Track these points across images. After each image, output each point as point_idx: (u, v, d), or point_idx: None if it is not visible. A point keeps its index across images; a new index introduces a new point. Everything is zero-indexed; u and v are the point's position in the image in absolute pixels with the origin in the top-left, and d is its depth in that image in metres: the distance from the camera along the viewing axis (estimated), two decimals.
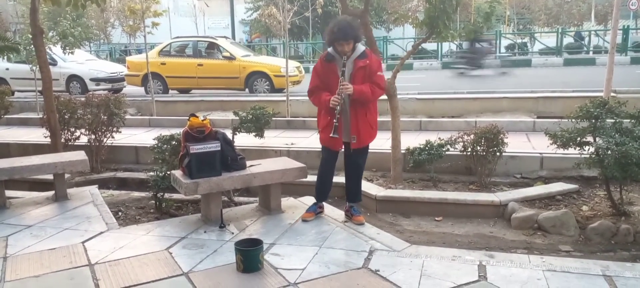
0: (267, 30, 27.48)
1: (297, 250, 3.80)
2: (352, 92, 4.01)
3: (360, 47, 4.21)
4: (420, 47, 6.51)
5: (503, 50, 23.62)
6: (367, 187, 5.46)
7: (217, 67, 13.41)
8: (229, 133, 5.23)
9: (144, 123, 9.60)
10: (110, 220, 4.54)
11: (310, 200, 4.73)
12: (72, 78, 13.91)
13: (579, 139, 4.53)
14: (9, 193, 5.28)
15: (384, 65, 6.62)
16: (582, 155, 4.57)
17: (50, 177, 5.29)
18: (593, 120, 4.55)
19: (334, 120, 4.02)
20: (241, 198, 5.46)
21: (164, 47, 14.22)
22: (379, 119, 4.42)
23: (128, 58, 16.32)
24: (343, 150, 4.35)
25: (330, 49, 4.20)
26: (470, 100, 10.24)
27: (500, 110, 9.69)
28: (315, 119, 4.58)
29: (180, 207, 5.16)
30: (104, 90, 12.51)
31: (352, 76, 4.08)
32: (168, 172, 4.69)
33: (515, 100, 9.94)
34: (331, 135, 4.05)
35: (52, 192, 5.25)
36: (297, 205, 4.82)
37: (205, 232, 4.18)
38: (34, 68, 9.42)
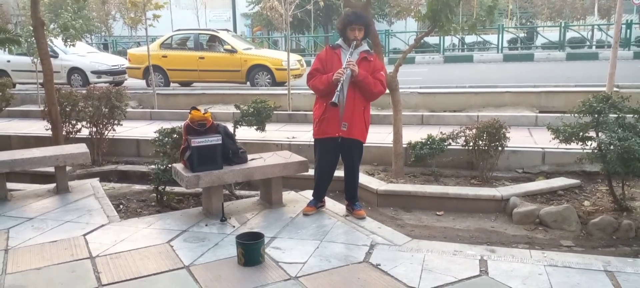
0: (269, 23, 27.39)
1: (298, 243, 3.80)
2: (357, 71, 4.00)
3: (366, 46, 4.29)
4: (422, 40, 6.47)
5: (505, 44, 23.51)
6: (368, 181, 5.46)
7: (218, 60, 13.39)
8: (230, 126, 5.20)
9: (145, 116, 9.61)
10: (112, 213, 4.54)
11: (311, 194, 4.72)
12: (74, 70, 13.89)
13: (581, 133, 4.51)
14: (10, 185, 5.28)
15: (385, 59, 6.58)
16: (585, 150, 4.57)
17: (51, 169, 5.29)
18: (596, 115, 4.53)
19: (336, 90, 3.96)
20: (242, 192, 5.46)
21: (166, 40, 14.19)
22: (381, 113, 4.41)
23: (129, 50, 16.28)
24: (339, 144, 4.27)
25: (339, 41, 4.26)
26: (472, 94, 10.21)
27: (502, 105, 9.68)
28: None
29: (182, 200, 5.16)
30: (105, 82, 12.49)
31: (356, 66, 4.07)
32: (169, 165, 4.69)
33: (517, 95, 9.93)
34: (330, 102, 3.96)
35: (53, 185, 5.26)
36: (298, 199, 4.82)
37: (206, 225, 4.18)
38: (35, 60, 9.42)
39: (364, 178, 5.39)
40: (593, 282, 3.15)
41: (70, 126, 6.96)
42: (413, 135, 6.21)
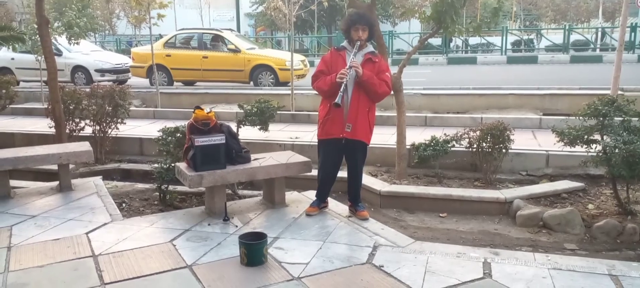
0: (272, 24, 27.43)
1: (301, 244, 3.79)
2: (361, 71, 3.99)
3: (371, 47, 4.29)
4: (426, 42, 6.47)
5: (509, 46, 23.46)
6: (371, 182, 5.45)
7: (222, 60, 13.40)
8: (233, 126, 5.20)
9: (148, 115, 9.61)
10: (114, 212, 4.54)
11: (314, 194, 4.71)
12: (77, 69, 13.93)
13: (586, 136, 4.50)
14: (13, 183, 5.29)
15: (389, 60, 6.58)
16: (589, 153, 4.54)
17: (54, 167, 5.29)
18: (601, 118, 4.51)
19: (340, 91, 3.94)
20: (245, 192, 5.46)
21: (169, 39, 14.21)
22: (384, 114, 4.40)
23: (133, 49, 16.31)
24: (343, 145, 4.25)
25: (343, 43, 4.26)
26: (476, 96, 10.19)
27: (506, 107, 9.65)
28: None
29: (185, 200, 5.16)
30: (108, 81, 12.51)
31: (360, 66, 4.06)
32: (172, 164, 4.68)
33: (521, 97, 9.89)
34: (334, 102, 3.94)
35: (56, 183, 5.26)
36: (301, 199, 4.81)
37: (209, 224, 4.17)
38: (39, 58, 9.44)
39: (367, 179, 5.38)
40: (597, 286, 3.13)
41: (74, 124, 6.97)
42: (416, 136, 6.19)
